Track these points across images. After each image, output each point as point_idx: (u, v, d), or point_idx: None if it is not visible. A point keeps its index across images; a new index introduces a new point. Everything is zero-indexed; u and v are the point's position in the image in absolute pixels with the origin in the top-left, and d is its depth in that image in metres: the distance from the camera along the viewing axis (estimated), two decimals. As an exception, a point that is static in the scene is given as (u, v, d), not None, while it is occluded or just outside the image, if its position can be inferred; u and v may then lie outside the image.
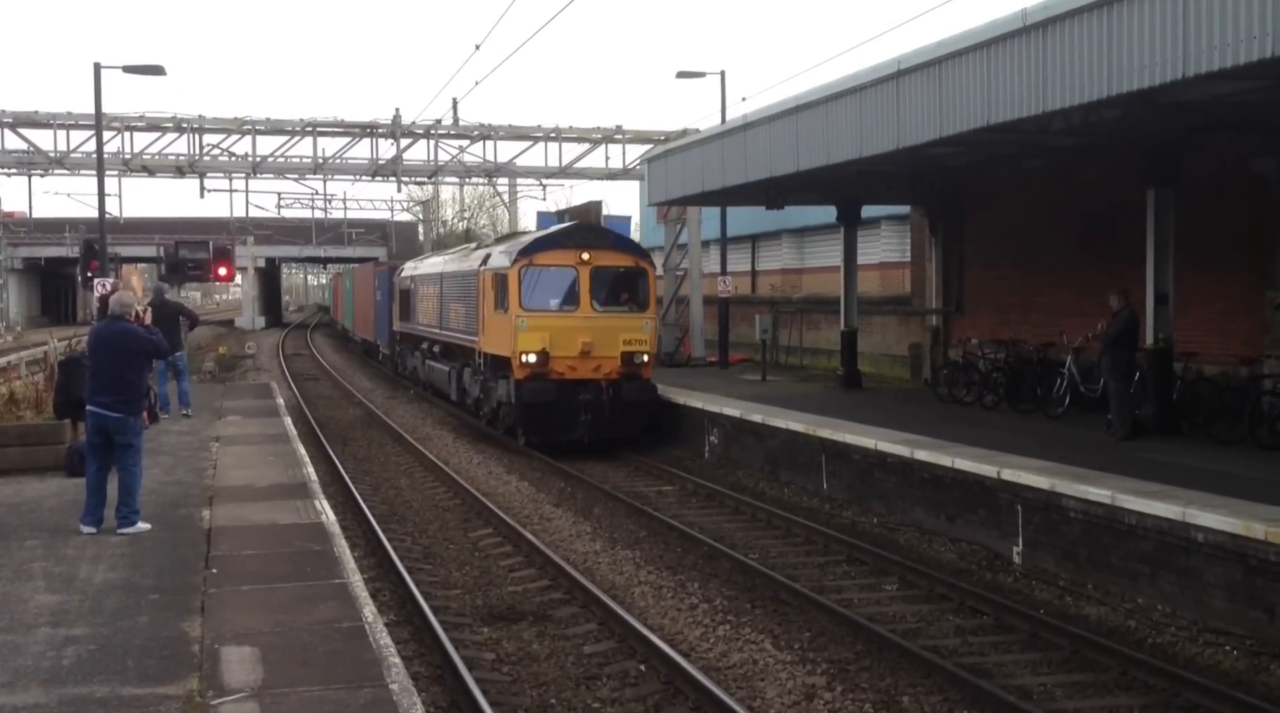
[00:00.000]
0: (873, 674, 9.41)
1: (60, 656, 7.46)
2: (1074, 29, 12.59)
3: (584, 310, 21.11)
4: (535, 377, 20.68)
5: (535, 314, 20.92)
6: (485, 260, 23.27)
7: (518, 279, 20.99)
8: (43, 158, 44.53)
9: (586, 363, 20.90)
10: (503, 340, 21.45)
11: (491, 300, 22.15)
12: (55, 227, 72.87)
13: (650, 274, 21.88)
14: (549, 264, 21.22)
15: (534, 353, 20.65)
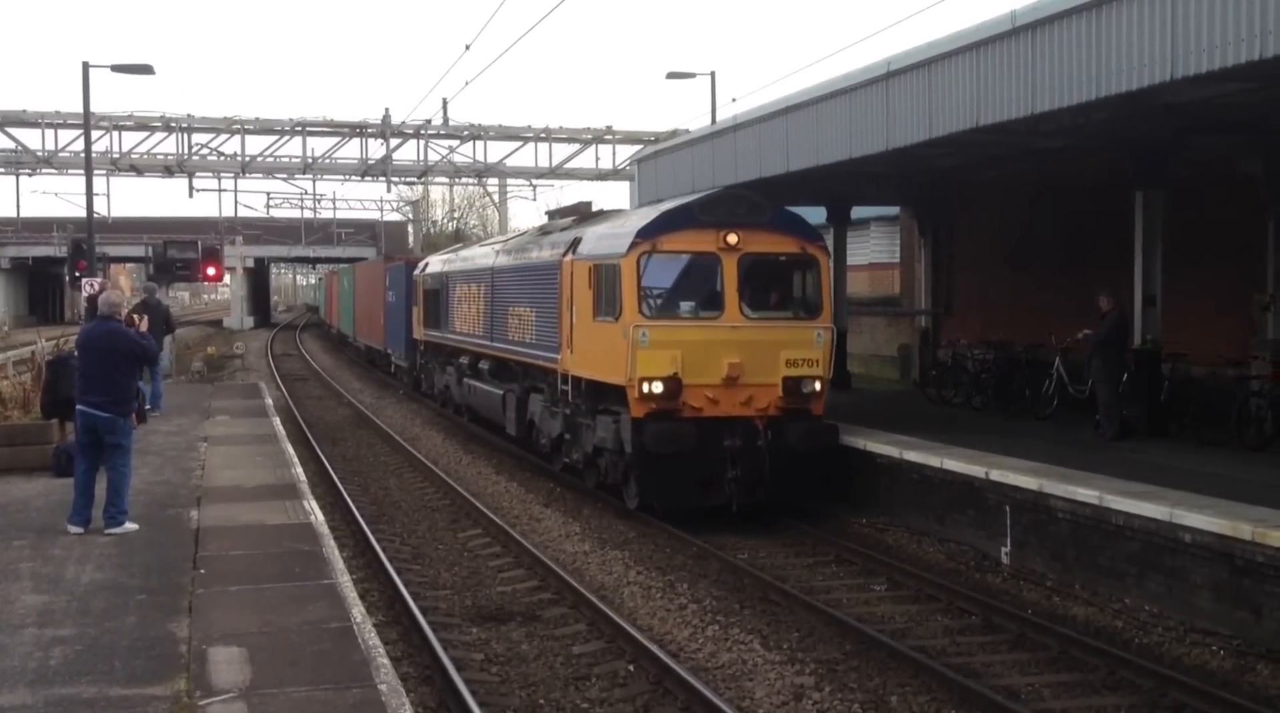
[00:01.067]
0: (861, 674, 9.43)
1: (47, 656, 7.43)
2: (1063, 31, 12.62)
3: (731, 317, 14.83)
4: (662, 415, 14.50)
5: (663, 323, 14.74)
6: (573, 246, 16.79)
7: (636, 272, 14.67)
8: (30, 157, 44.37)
9: (734, 393, 14.71)
10: (608, 360, 15.12)
11: (588, 303, 15.79)
12: (43, 226, 72.54)
13: (824, 264, 15.62)
14: (680, 250, 15.03)
15: (660, 380, 14.39)
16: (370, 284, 41.14)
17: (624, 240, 14.99)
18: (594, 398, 15.95)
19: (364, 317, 43.72)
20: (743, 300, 14.90)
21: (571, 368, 16.42)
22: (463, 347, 24.19)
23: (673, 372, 14.45)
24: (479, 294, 22.44)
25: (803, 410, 14.98)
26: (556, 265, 17.20)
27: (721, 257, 14.85)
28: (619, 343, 14.63)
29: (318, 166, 48.07)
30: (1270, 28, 10.03)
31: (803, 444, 14.68)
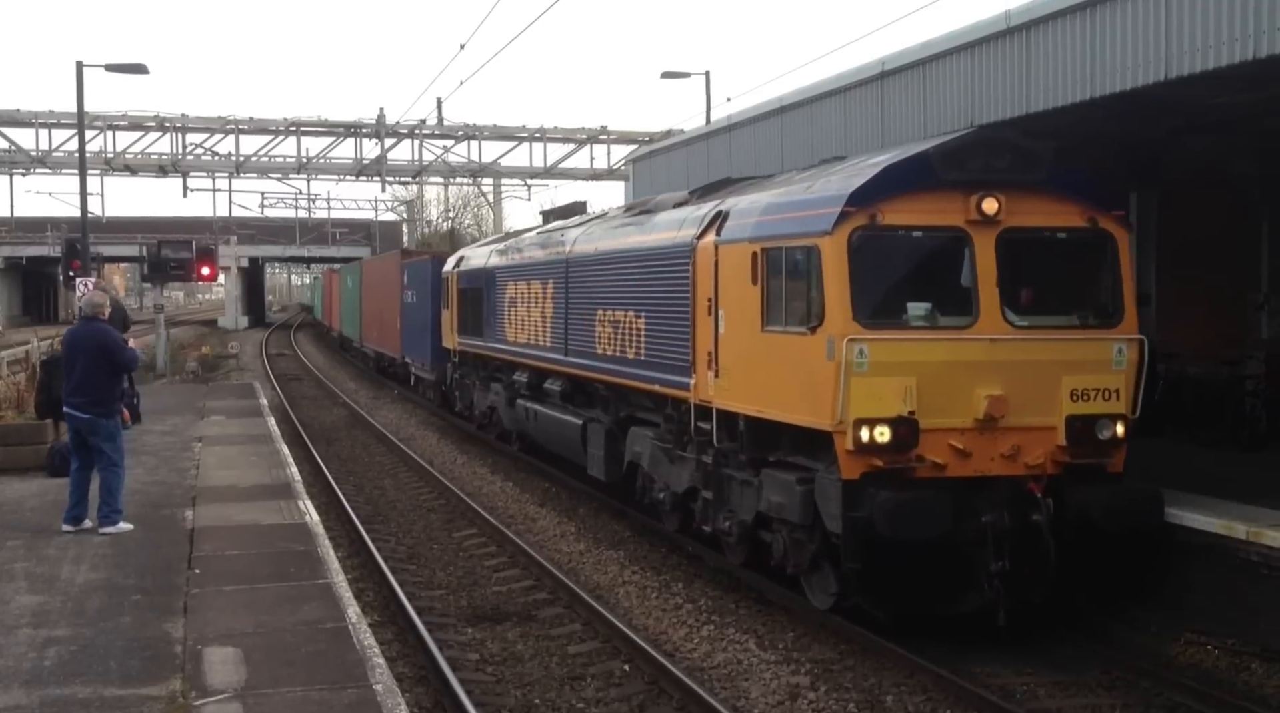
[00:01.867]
0: (856, 674, 9.43)
1: (42, 657, 7.42)
2: (1057, 30, 12.64)
3: (988, 325, 9.90)
4: (888, 475, 9.64)
5: (889, 337, 9.74)
6: (715, 223, 11.76)
7: (846, 257, 9.72)
8: (24, 156, 44.30)
9: (993, 441, 9.84)
10: (788, 390, 10.34)
11: (749, 304, 10.84)
12: (37, 226, 72.52)
13: (1123, 243, 10.56)
14: (913, 225, 9.97)
15: (886, 422, 9.57)
16: (382, 283, 35.85)
17: (823, 209, 9.92)
18: (758, 443, 11.01)
19: (374, 320, 38.20)
20: (1004, 300, 9.92)
21: (717, 398, 11.44)
22: (518, 360, 19.04)
23: (905, 410, 9.51)
24: (545, 294, 17.34)
25: (1097, 466, 10.11)
26: (684, 251, 12.25)
27: (973, 233, 9.83)
28: (814, 365, 9.78)
29: (312, 166, 48.12)
30: (1265, 28, 10.05)
31: (1109, 519, 9.87)
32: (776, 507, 10.62)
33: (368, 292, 39.89)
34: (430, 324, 26.83)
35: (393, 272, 33.55)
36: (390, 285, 33.58)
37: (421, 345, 28.44)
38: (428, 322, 27.12)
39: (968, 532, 9.58)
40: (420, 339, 28.58)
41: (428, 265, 28.17)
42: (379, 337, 37.06)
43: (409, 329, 30.62)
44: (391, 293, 33.14)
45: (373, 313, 38.66)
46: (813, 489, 10.09)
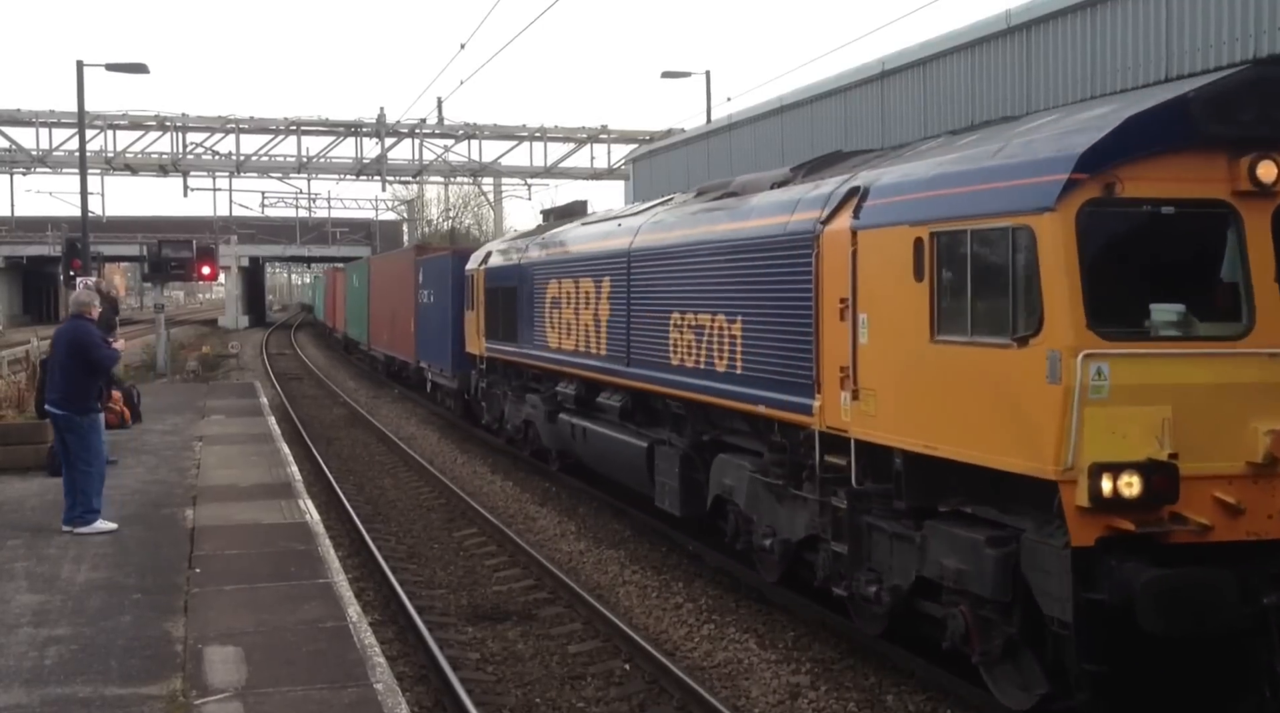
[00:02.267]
0: (857, 673, 9.42)
1: (42, 656, 7.43)
2: (1058, 30, 12.66)
3: (1267, 334, 7.33)
4: (1138, 541, 7.16)
5: (1135, 350, 7.23)
6: (850, 202, 9.35)
7: (1074, 241, 7.19)
8: (25, 156, 44.31)
9: (1273, 493, 7.33)
10: (993, 423, 7.68)
11: (912, 306, 8.43)
12: (37, 225, 72.55)
13: None
14: (1162, 198, 7.32)
15: (1135, 469, 7.05)
16: (394, 281, 33.09)
17: (1036, 178, 7.42)
18: (922, 487, 8.53)
19: (384, 321, 35.30)
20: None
21: (856, 426, 8.99)
22: (563, 370, 16.54)
23: (1161, 452, 7.09)
24: (599, 293, 14.78)
25: None
26: (802, 240, 9.78)
27: (1242, 209, 7.33)
28: (1024, 388, 7.35)
29: (312, 166, 48.13)
30: (1265, 27, 10.06)
31: None
32: (953, 574, 8.02)
33: (377, 291, 37.45)
34: (451, 326, 24.35)
35: (406, 269, 30.93)
36: (403, 284, 31.04)
37: (441, 350, 25.85)
38: (448, 324, 24.64)
39: (1243, 618, 7.14)
40: (439, 343, 26.02)
41: (447, 262, 25.72)
42: (390, 340, 34.26)
43: (425, 332, 28.09)
44: (404, 292, 30.66)
45: (382, 314, 35.75)
46: (1015, 556, 7.62)
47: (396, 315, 32.67)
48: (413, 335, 29.63)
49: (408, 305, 30.12)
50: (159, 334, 33.20)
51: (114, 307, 24.11)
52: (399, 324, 32.18)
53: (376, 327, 37.50)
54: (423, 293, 28.32)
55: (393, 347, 33.69)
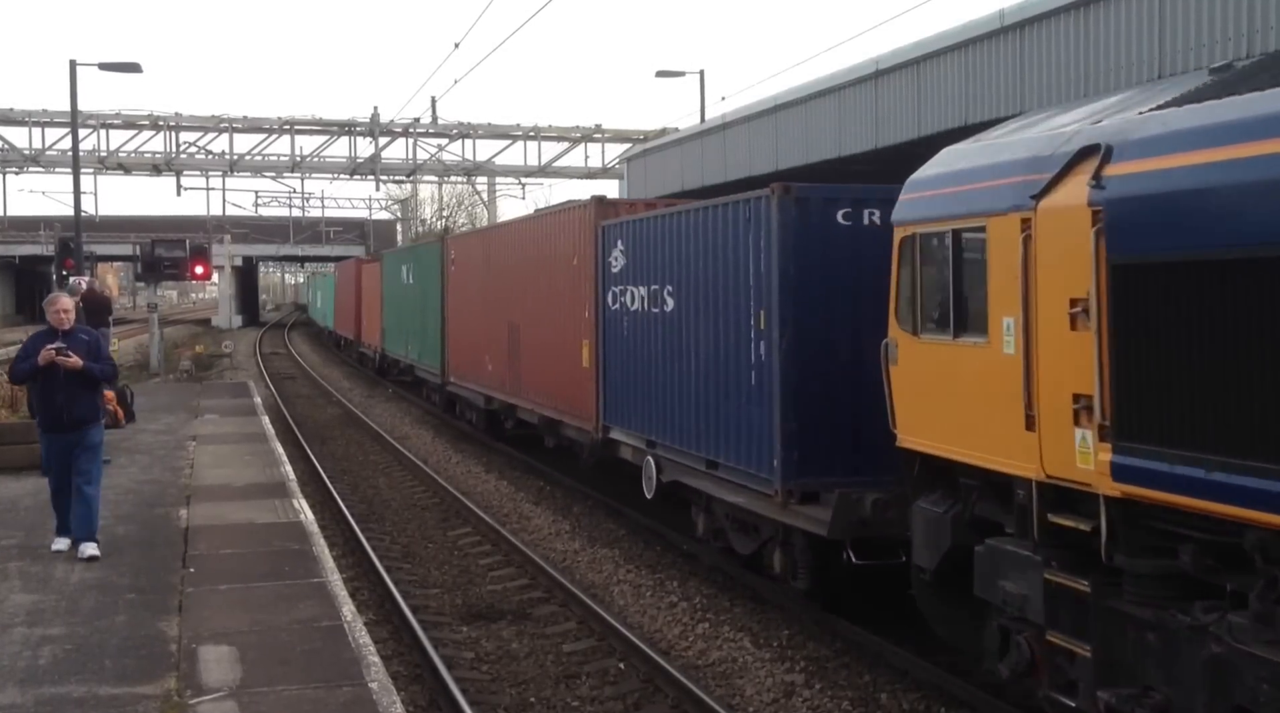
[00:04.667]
0: (851, 672, 9.44)
1: (36, 655, 7.42)
2: (1051, 29, 12.68)
3: None
4: None
5: None
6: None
7: None
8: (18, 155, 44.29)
9: None
10: None
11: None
12: (30, 225, 72.37)
13: None
14: None
15: None
16: (524, 275, 18.37)
17: None
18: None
19: (471, 338, 22.04)
20: None
21: (1106, 480, 6.32)
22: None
23: None
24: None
25: None
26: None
27: None
28: None
29: (306, 165, 48.09)
30: (1258, 26, 10.09)
31: None
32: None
33: (464, 292, 22.83)
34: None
35: (570, 245, 15.87)
36: (557, 278, 16.48)
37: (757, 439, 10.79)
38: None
39: None
40: (631, 379, 13.70)
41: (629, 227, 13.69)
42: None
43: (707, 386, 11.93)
44: (568, 293, 15.99)
45: (469, 328, 22.12)
46: None
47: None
48: (593, 371, 14.91)
49: (579, 323, 15.38)
50: (152, 334, 33.19)
51: (107, 307, 24.13)
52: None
53: (460, 348, 23.11)
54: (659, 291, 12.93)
55: (550, 397, 17.00)
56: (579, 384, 15.35)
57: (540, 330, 17.29)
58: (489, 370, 20.55)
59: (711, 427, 11.59)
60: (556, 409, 16.62)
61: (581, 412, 15.41)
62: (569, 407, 16.01)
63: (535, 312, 17.63)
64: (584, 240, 15.16)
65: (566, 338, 15.88)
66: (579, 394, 15.38)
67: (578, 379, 15.41)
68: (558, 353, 16.31)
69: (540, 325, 17.33)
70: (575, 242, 15.62)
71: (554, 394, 16.69)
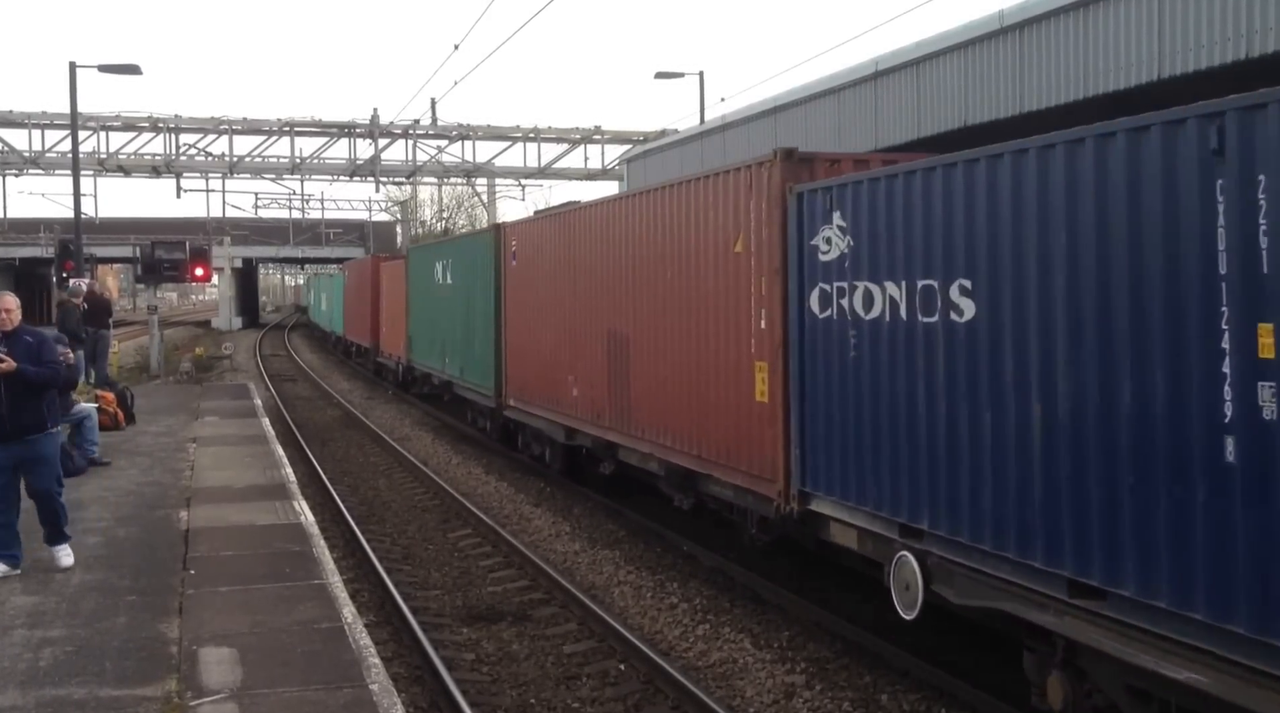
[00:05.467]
0: (851, 673, 9.44)
1: (37, 657, 7.42)
2: (1050, 30, 12.69)
3: None
4: None
5: None
6: None
7: None
8: (17, 157, 44.28)
9: None
10: None
11: None
12: (30, 227, 72.38)
13: None
14: None
15: None
16: (610, 268, 14.47)
17: None
18: None
19: (543, 351, 17.26)
20: None
21: None
22: None
23: None
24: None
25: None
26: None
27: None
28: None
29: (306, 167, 48.10)
30: (1257, 27, 10.09)
31: None
32: None
33: (530, 291, 17.97)
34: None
35: (730, 223, 11.14)
36: (700, 271, 11.80)
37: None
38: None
39: None
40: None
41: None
42: (643, 414, 13.42)
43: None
44: (723, 292, 11.31)
45: (586, 350, 15.32)
46: None
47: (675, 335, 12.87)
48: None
49: (738, 326, 11.03)
50: (152, 335, 33.17)
51: (107, 309, 24.13)
52: (711, 385, 11.68)
53: (561, 368, 16.29)
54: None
55: (707, 443, 11.76)
56: (746, 425, 10.75)
57: (668, 344, 12.59)
58: (573, 395, 15.64)
59: (1095, 525, 6.66)
60: (700, 457, 11.82)
61: (751, 465, 10.67)
62: (725, 456, 11.20)
63: (658, 318, 12.84)
64: (759, 215, 10.38)
65: (720, 357, 11.23)
66: (745, 440, 10.77)
67: (743, 418, 10.79)
68: (703, 377, 11.65)
69: (668, 338, 12.59)
70: (739, 217, 10.79)
71: (694, 435, 11.90)
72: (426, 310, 26.66)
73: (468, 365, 21.93)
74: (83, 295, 22.25)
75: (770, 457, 10.28)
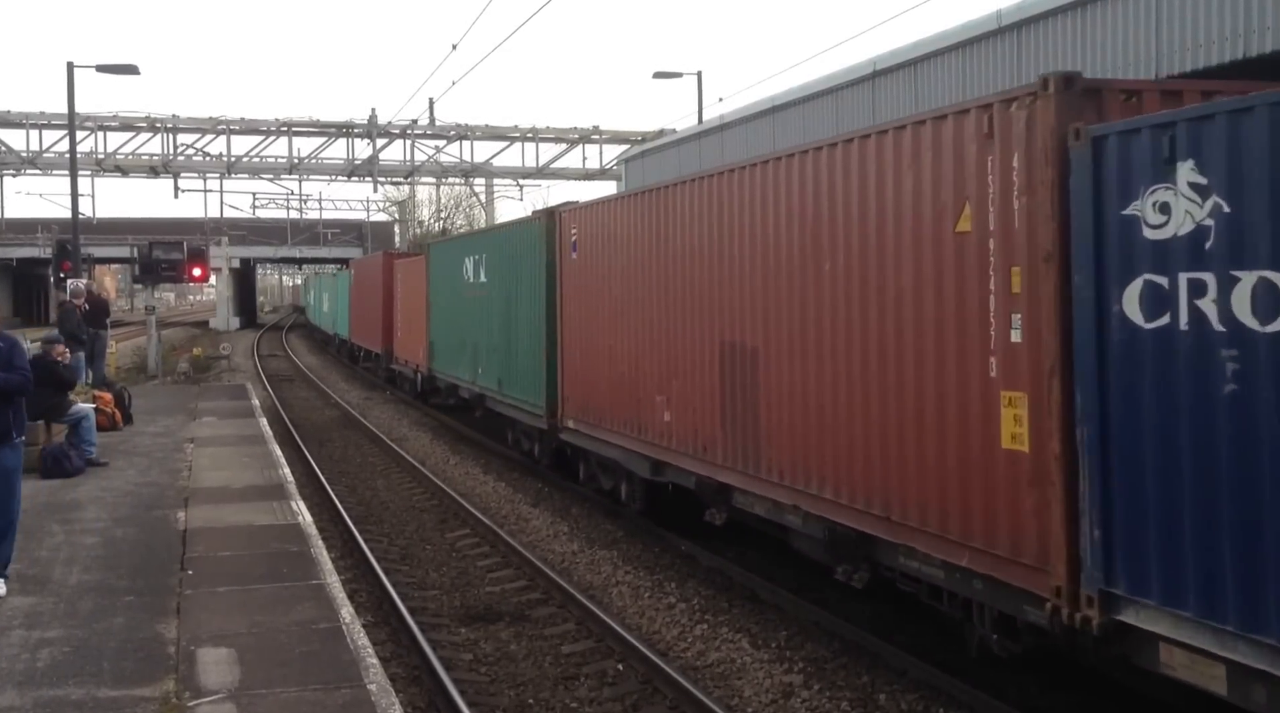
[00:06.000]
0: (849, 672, 9.44)
1: (35, 658, 7.42)
2: (1048, 30, 12.70)
3: None
4: None
5: None
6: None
7: None
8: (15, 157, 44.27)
9: None
10: None
11: None
12: (28, 227, 72.34)
13: None
14: None
15: None
16: (726, 260, 11.22)
17: None
18: None
19: (617, 363, 14.07)
20: None
21: None
22: None
23: None
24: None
25: None
26: None
27: None
28: None
29: (304, 167, 48.09)
30: (1254, 26, 10.10)
31: None
32: None
33: (598, 290, 14.80)
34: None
35: (944, 193, 7.97)
36: (885, 263, 8.67)
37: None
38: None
39: None
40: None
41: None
42: (781, 451, 10.21)
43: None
44: (930, 292, 8.17)
45: (686, 364, 12.12)
46: None
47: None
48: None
49: (960, 341, 7.92)
50: (150, 336, 33.15)
51: (105, 309, 24.12)
52: (912, 421, 8.51)
53: (646, 385, 13.21)
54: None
55: (899, 500, 8.59)
56: (981, 481, 7.68)
57: (825, 361, 9.49)
58: (663, 420, 12.64)
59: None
60: (887, 520, 8.65)
61: (992, 541, 7.58)
62: (936, 521, 8.13)
63: (808, 327, 9.77)
64: (1008, 176, 7.35)
65: (927, 381, 8.21)
66: (979, 503, 7.70)
67: (975, 470, 7.74)
68: (895, 408, 8.58)
69: (825, 352, 9.50)
70: (965, 181, 7.75)
71: (876, 488, 8.82)
72: (453, 313, 23.63)
73: (509, 377, 18.81)
74: (83, 296, 22.25)
75: (1035, 533, 7.09)
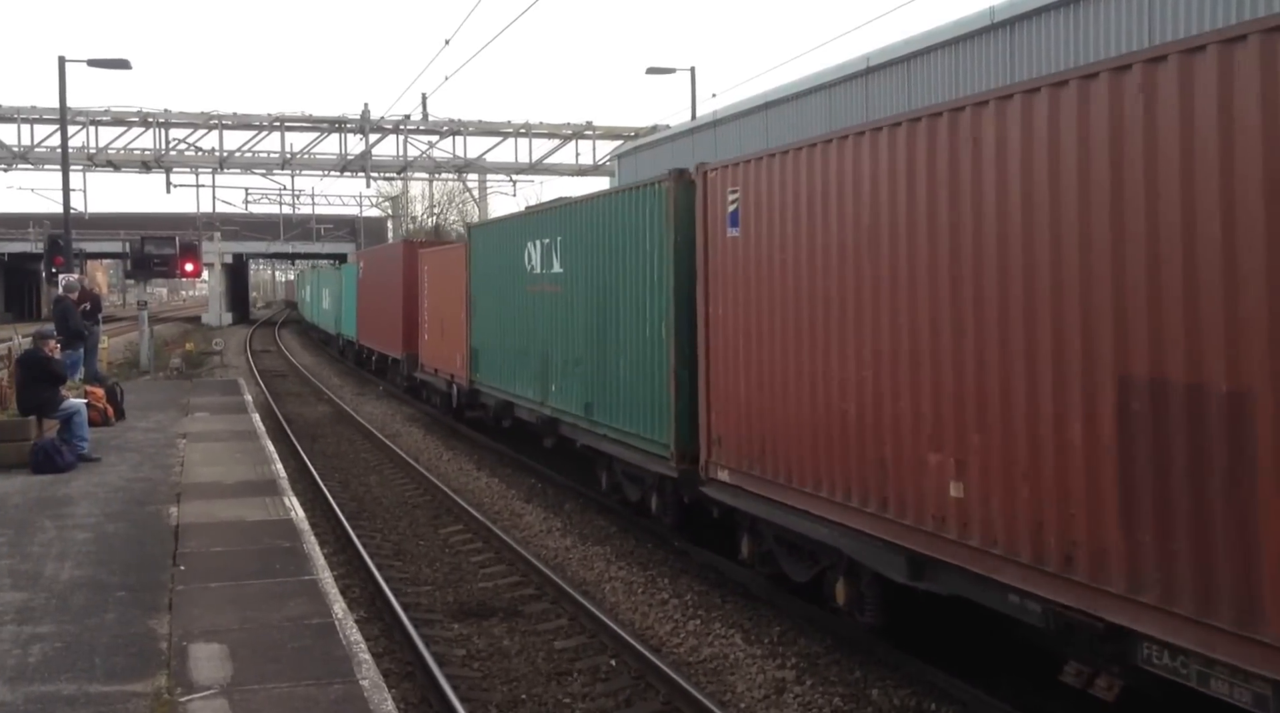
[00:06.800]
0: (842, 668, 9.45)
1: (26, 653, 7.40)
2: (1041, 26, 12.71)
3: None
4: None
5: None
6: None
7: None
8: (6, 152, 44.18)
9: None
10: None
11: None
12: (19, 222, 72.23)
13: None
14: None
15: None
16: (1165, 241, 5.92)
17: None
18: None
19: (862, 392, 8.61)
20: None
21: None
22: None
23: None
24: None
25: None
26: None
27: None
28: None
29: (296, 162, 48.04)
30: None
31: None
32: None
33: (792, 289, 9.52)
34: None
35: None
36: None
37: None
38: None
39: None
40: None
41: None
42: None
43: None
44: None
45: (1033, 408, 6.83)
46: None
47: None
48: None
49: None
50: (142, 331, 33.07)
51: (97, 304, 24.06)
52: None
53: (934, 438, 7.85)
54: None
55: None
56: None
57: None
58: (945, 493, 7.75)
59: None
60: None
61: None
62: None
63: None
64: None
65: None
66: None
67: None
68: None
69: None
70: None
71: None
72: (507, 312, 18.76)
73: (604, 400, 14.27)
74: (77, 291, 22.19)
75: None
